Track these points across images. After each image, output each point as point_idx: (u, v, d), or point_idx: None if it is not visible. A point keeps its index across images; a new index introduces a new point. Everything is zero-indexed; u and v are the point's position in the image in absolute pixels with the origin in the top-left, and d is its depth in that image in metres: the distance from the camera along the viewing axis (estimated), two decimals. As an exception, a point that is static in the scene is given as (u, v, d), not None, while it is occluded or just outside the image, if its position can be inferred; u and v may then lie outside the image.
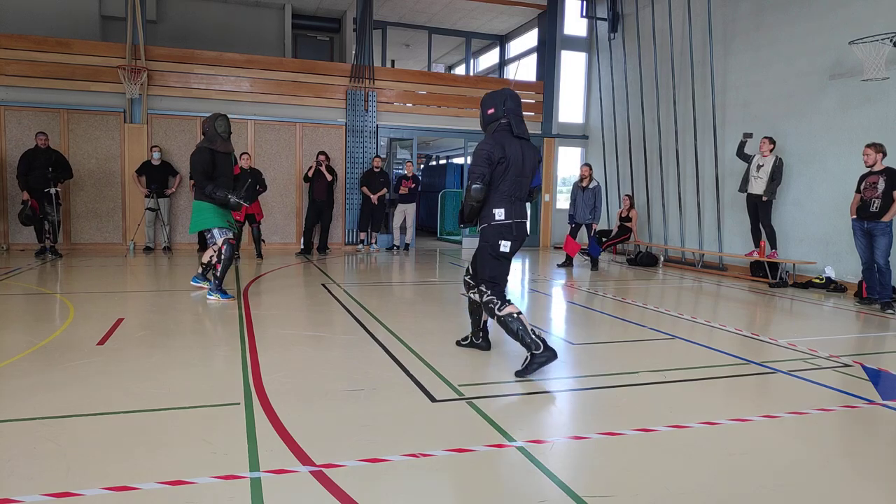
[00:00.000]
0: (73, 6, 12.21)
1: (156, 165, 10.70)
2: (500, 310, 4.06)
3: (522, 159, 4.10)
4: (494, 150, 4.02)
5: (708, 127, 10.19)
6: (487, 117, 4.17)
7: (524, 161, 4.10)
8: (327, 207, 11.19)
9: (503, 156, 4.02)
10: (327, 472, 2.57)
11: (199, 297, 6.66)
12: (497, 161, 4.01)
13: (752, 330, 5.70)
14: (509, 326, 4.02)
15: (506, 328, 4.05)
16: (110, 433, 2.96)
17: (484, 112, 4.19)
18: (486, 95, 4.21)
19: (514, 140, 4.09)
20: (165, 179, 10.84)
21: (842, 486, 2.68)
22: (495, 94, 4.18)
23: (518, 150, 4.08)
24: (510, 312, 4.03)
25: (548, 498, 2.43)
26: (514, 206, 4.11)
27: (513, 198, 4.10)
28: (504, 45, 16.04)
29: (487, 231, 4.13)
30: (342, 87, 12.18)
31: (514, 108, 4.14)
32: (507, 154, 4.02)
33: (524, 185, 4.16)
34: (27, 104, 10.43)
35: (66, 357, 4.21)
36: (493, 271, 4.17)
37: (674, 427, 3.20)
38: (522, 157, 4.10)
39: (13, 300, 6.35)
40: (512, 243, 4.11)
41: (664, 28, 11.17)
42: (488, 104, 4.16)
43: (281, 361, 4.24)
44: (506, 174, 4.05)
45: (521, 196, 4.16)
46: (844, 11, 8.22)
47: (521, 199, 4.17)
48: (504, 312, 4.04)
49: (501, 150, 4.02)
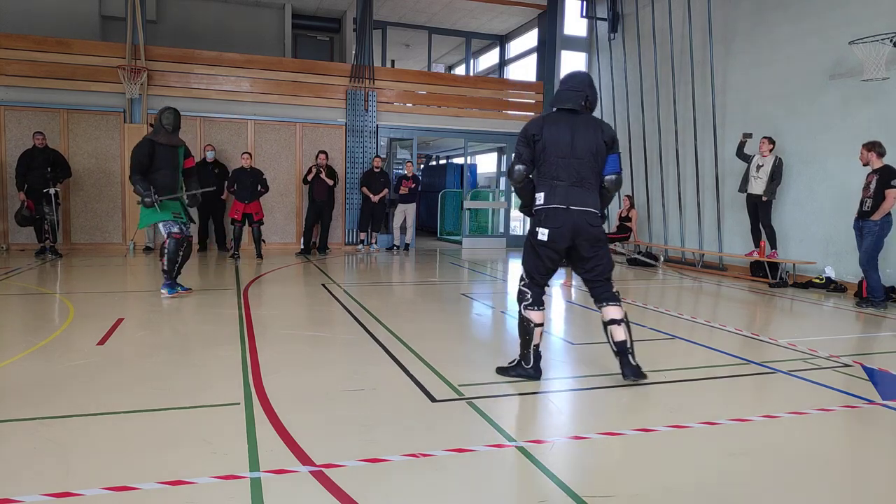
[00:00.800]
0: (73, 6, 12.21)
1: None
2: (526, 309, 3.90)
3: (571, 139, 3.75)
4: (530, 127, 3.83)
5: (708, 127, 10.18)
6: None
7: (574, 141, 3.75)
8: (327, 208, 11.19)
9: (536, 133, 3.79)
10: (327, 472, 2.56)
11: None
12: (532, 139, 3.80)
13: (752, 330, 5.70)
14: (522, 327, 3.93)
15: (518, 324, 3.98)
16: (110, 433, 2.96)
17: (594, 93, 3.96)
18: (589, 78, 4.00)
19: (563, 118, 3.82)
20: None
21: (842, 485, 2.68)
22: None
23: (565, 129, 3.77)
24: (531, 319, 3.87)
25: (548, 498, 2.43)
26: (556, 190, 3.75)
27: (555, 181, 3.76)
28: (504, 45, 16.03)
29: (532, 218, 3.91)
30: (342, 87, 12.18)
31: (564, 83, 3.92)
32: (542, 132, 3.78)
33: (576, 169, 3.75)
34: (27, 104, 10.43)
35: (66, 357, 4.21)
36: (528, 263, 3.93)
37: (674, 427, 3.20)
38: (572, 136, 3.75)
39: (13, 300, 6.35)
40: (550, 231, 3.75)
41: (664, 28, 11.17)
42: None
43: (281, 361, 4.24)
44: (544, 154, 3.78)
45: (572, 180, 3.75)
46: (844, 11, 8.22)
47: (575, 183, 3.75)
48: (527, 314, 3.89)
49: (537, 128, 3.81)
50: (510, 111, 13.72)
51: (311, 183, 10.98)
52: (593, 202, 3.81)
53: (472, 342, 5.32)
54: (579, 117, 3.82)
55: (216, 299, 6.66)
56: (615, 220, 12.03)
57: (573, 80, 3.92)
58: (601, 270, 3.94)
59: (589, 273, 3.95)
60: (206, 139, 11.35)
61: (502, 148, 15.27)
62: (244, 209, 9.84)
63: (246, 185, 9.86)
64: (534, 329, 3.88)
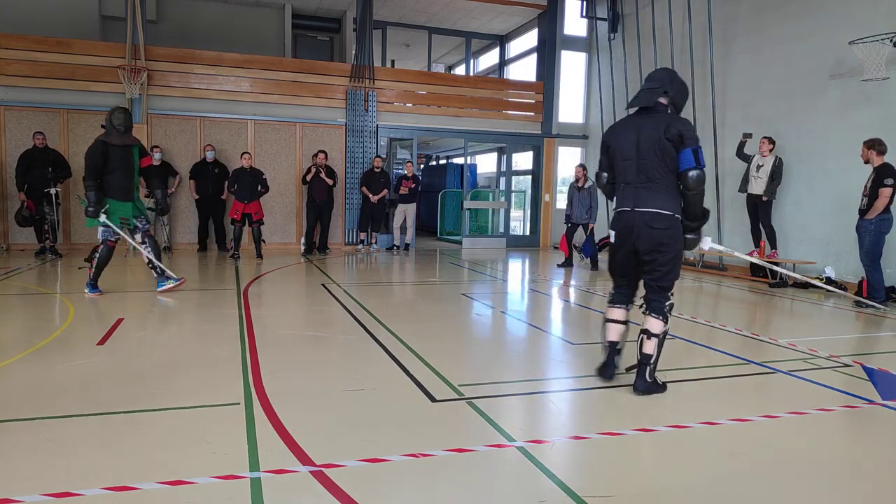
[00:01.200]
0: (73, 6, 12.21)
1: (155, 166, 10.67)
2: (607, 305, 4.03)
3: (637, 140, 3.70)
4: (603, 135, 4.00)
5: (708, 127, 10.18)
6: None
7: (639, 141, 3.69)
8: (327, 208, 11.20)
9: (606, 140, 3.92)
10: (327, 472, 2.56)
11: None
12: (604, 146, 3.94)
13: (752, 330, 5.70)
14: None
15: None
16: (110, 433, 2.96)
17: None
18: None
19: (631, 120, 3.83)
20: (165, 180, 10.83)
21: (842, 486, 2.68)
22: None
23: (630, 132, 3.76)
24: (606, 314, 4.01)
25: (548, 498, 2.43)
26: (624, 192, 3.79)
27: (624, 184, 3.79)
28: (504, 45, 16.03)
29: None
30: (342, 87, 12.19)
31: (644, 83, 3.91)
32: (610, 140, 3.88)
33: (643, 169, 3.69)
34: (27, 104, 10.43)
35: (66, 357, 4.21)
36: (609, 263, 4.08)
37: (674, 427, 3.20)
38: (637, 137, 3.70)
39: (13, 300, 6.35)
40: (616, 233, 3.85)
41: (664, 28, 11.17)
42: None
43: (281, 361, 4.24)
44: (614, 159, 3.86)
45: (640, 181, 3.70)
46: (844, 11, 8.22)
47: (643, 184, 3.70)
48: (607, 311, 4.02)
49: (606, 135, 3.96)
50: (510, 111, 13.72)
51: (311, 183, 10.99)
52: (663, 203, 3.67)
53: (472, 342, 5.32)
54: (649, 117, 3.73)
55: (216, 299, 6.66)
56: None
57: (651, 77, 3.88)
58: (656, 277, 3.78)
59: (646, 276, 3.85)
60: (206, 139, 11.35)
61: (502, 148, 15.27)
62: (244, 209, 9.84)
63: (246, 185, 9.86)
64: (605, 324, 3.99)
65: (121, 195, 6.36)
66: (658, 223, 3.66)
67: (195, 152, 11.30)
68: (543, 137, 13.73)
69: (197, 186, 10.94)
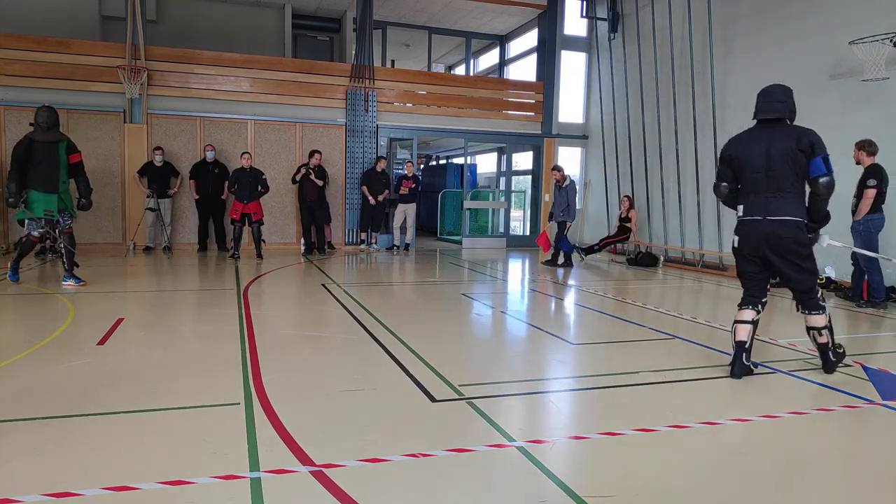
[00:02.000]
0: (73, 6, 12.21)
1: (158, 167, 10.70)
2: (737, 308, 4.19)
3: (767, 152, 3.92)
4: (726, 148, 4.16)
5: (708, 127, 10.18)
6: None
7: (770, 153, 3.91)
8: (319, 208, 11.19)
9: (731, 153, 4.08)
10: (327, 472, 2.56)
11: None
12: (728, 159, 4.08)
13: (752, 330, 5.69)
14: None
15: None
16: (110, 433, 2.96)
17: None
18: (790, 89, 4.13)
19: (758, 133, 4.02)
20: (167, 180, 10.84)
21: (842, 486, 2.68)
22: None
23: (759, 144, 3.97)
24: (735, 317, 4.15)
25: (548, 498, 2.43)
26: (752, 202, 4.00)
27: (752, 194, 4.00)
28: (504, 45, 16.03)
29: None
30: (342, 87, 12.18)
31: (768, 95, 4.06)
32: (737, 152, 4.05)
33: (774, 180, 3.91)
34: (27, 104, 10.41)
35: (66, 357, 4.21)
36: (737, 268, 4.26)
37: (674, 427, 3.20)
38: (767, 149, 3.92)
39: (13, 300, 6.35)
40: (740, 240, 4.07)
41: (664, 28, 11.17)
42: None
43: (281, 361, 4.24)
44: (741, 171, 4.04)
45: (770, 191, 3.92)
46: (844, 11, 8.22)
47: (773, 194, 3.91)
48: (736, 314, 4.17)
49: (732, 148, 4.10)
50: (510, 111, 13.72)
51: (301, 183, 10.99)
52: (794, 210, 3.91)
53: (472, 342, 5.32)
54: (775, 130, 3.96)
55: (216, 299, 6.67)
56: (615, 221, 12.04)
57: (777, 92, 4.05)
58: (795, 285, 4.08)
59: (790, 284, 4.11)
60: (206, 139, 11.35)
61: (502, 148, 15.28)
62: (243, 209, 9.84)
63: (245, 185, 9.86)
64: (734, 325, 4.12)
65: (44, 187, 6.69)
66: (790, 230, 3.92)
67: (195, 152, 11.29)
68: (543, 137, 13.73)
69: (197, 186, 10.94)
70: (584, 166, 14.48)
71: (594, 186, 13.91)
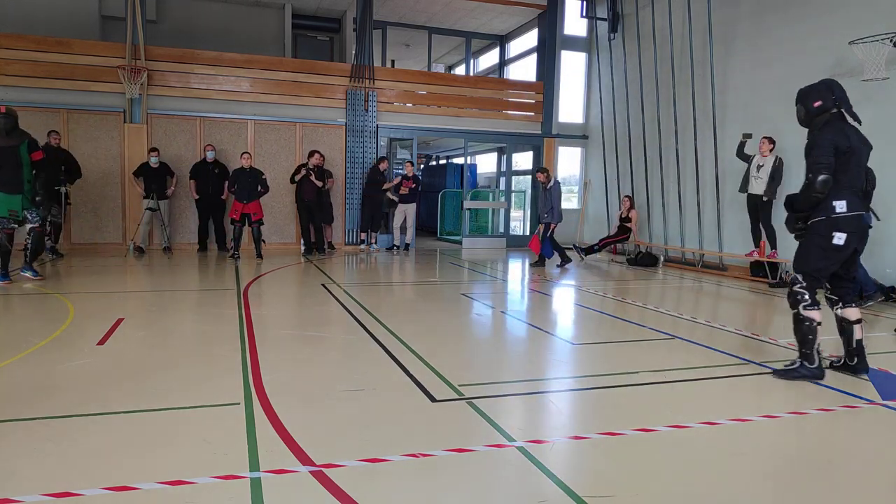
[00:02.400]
0: (73, 6, 12.21)
1: (154, 168, 10.65)
2: (806, 309, 4.07)
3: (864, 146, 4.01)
4: (839, 139, 3.93)
5: (708, 127, 10.18)
6: (814, 110, 4.06)
7: (863, 150, 4.01)
8: (318, 209, 11.17)
9: (850, 145, 3.94)
10: (327, 472, 2.57)
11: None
12: (844, 150, 3.93)
13: (752, 330, 5.70)
14: (802, 327, 4.08)
15: (797, 326, 4.11)
16: (110, 433, 2.96)
17: (808, 106, 4.09)
18: (803, 90, 4.14)
19: (852, 128, 4.01)
20: (164, 181, 10.78)
21: (842, 486, 2.68)
22: (816, 86, 4.10)
23: (858, 138, 3.99)
24: (813, 318, 4.06)
25: (548, 498, 2.43)
26: (855, 197, 3.98)
27: (853, 189, 3.98)
28: (504, 45, 16.03)
29: (822, 224, 4.01)
30: (342, 87, 12.18)
31: (844, 96, 4.04)
32: (852, 143, 3.94)
33: (862, 177, 4.03)
34: (27, 104, 10.41)
35: (66, 357, 4.21)
36: (817, 263, 4.05)
37: (674, 427, 3.20)
38: (864, 142, 4.01)
39: (13, 300, 6.35)
40: (848, 236, 3.97)
41: (664, 28, 11.17)
42: (813, 97, 4.07)
43: (281, 361, 4.24)
44: (848, 164, 3.94)
45: (861, 187, 4.03)
46: (844, 11, 8.22)
47: (862, 190, 4.03)
48: (807, 314, 4.07)
49: (847, 140, 3.95)
50: (510, 111, 13.72)
51: (300, 183, 10.98)
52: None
53: (472, 342, 5.32)
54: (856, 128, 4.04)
55: (216, 299, 6.66)
56: (616, 221, 12.03)
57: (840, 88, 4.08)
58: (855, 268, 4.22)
59: (850, 272, 4.16)
60: (206, 139, 11.35)
61: (502, 148, 15.28)
62: (243, 209, 9.84)
63: (245, 185, 9.85)
64: (816, 328, 4.05)
65: (8, 189, 6.92)
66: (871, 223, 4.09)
67: (195, 152, 11.29)
68: (543, 137, 13.73)
69: (197, 186, 10.93)
70: (584, 166, 14.49)
71: (594, 186, 13.91)
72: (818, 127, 4.03)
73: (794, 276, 4.14)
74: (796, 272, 4.13)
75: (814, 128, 4.07)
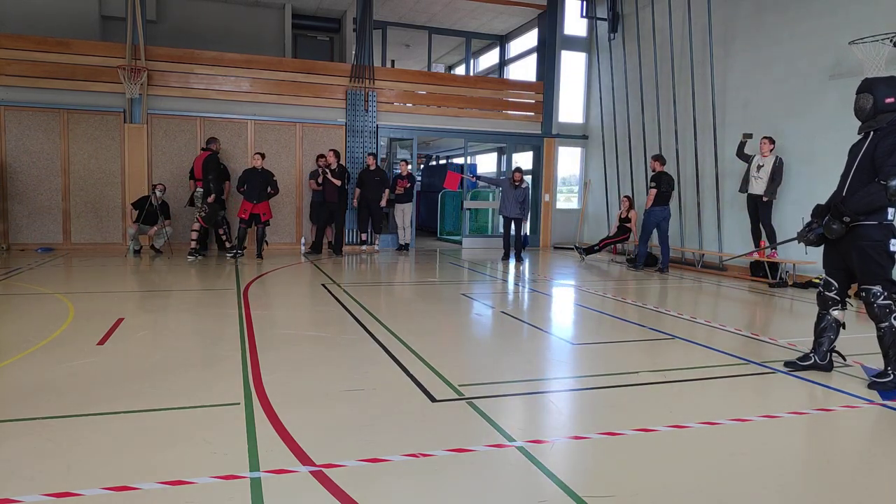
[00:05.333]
0: (73, 6, 12.21)
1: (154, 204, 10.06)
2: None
3: None
4: None
5: (708, 127, 10.18)
6: (884, 106, 3.90)
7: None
8: (339, 209, 11.05)
9: None
10: (327, 472, 2.57)
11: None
12: None
13: (752, 330, 5.70)
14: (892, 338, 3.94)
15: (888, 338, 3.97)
16: (110, 433, 2.96)
17: (880, 100, 3.90)
18: (881, 80, 3.95)
19: None
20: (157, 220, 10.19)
21: (842, 485, 2.68)
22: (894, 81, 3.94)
23: None
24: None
25: (548, 498, 2.43)
26: None
27: None
28: (504, 45, 16.03)
29: (875, 229, 3.91)
30: (342, 87, 12.18)
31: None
32: None
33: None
34: (27, 104, 10.42)
35: (66, 357, 4.21)
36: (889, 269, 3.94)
37: (674, 427, 3.20)
38: None
39: (13, 300, 6.35)
40: None
41: (664, 28, 11.17)
42: (886, 93, 3.89)
43: (281, 361, 4.24)
44: None
45: None
46: (844, 11, 8.22)
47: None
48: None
49: None
50: (510, 111, 13.72)
51: (322, 186, 10.89)
52: None
53: (472, 342, 5.32)
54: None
55: (216, 299, 6.66)
56: (615, 221, 12.03)
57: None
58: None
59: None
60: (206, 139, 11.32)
61: (502, 148, 15.27)
62: (252, 209, 9.83)
63: (255, 185, 9.84)
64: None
65: None
66: None
67: (195, 152, 11.27)
68: (543, 137, 13.73)
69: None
70: (584, 166, 14.49)
71: (594, 186, 13.91)
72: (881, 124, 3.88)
73: (873, 291, 3.94)
74: (872, 284, 3.94)
75: (874, 123, 3.92)
